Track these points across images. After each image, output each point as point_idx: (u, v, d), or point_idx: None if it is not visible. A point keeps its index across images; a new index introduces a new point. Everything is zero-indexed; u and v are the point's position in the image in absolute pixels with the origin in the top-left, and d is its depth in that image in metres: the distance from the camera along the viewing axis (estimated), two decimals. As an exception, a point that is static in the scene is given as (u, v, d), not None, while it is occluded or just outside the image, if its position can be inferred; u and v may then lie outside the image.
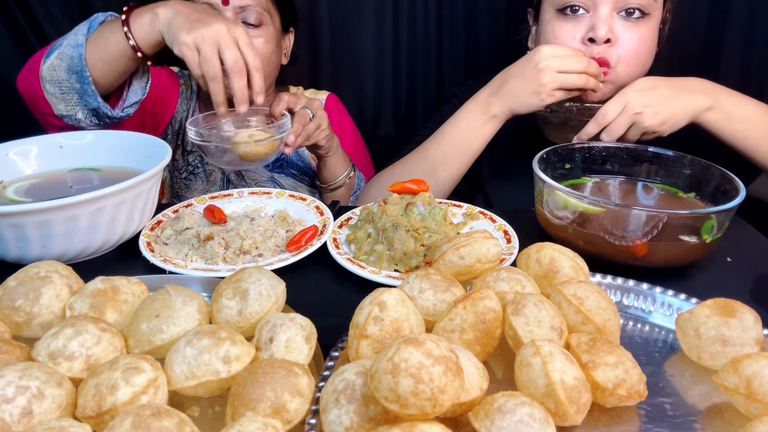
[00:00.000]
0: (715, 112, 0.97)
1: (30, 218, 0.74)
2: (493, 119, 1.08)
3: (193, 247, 0.85)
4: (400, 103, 1.63)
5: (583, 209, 0.81)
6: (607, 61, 1.04)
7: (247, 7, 1.19)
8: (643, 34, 1.05)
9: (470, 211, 0.96)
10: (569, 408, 0.49)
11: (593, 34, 1.03)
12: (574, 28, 1.06)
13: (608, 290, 0.73)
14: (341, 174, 1.27)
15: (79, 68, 0.98)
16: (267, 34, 1.23)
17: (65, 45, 0.99)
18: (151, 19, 0.96)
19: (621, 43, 1.04)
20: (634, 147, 0.98)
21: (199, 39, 0.92)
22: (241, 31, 0.95)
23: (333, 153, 1.22)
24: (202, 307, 0.62)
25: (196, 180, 1.32)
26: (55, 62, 0.99)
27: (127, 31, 0.97)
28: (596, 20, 1.03)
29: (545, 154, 0.93)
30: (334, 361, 0.59)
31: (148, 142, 0.97)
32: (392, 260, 0.83)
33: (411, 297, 0.61)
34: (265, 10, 1.23)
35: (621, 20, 1.04)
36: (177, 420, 0.46)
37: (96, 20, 1.02)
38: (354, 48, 1.57)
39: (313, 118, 1.11)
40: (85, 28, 1.01)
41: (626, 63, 1.05)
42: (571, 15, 1.06)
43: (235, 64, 0.93)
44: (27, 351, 0.56)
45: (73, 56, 0.98)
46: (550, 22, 1.09)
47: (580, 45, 1.06)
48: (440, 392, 0.44)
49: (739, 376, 0.53)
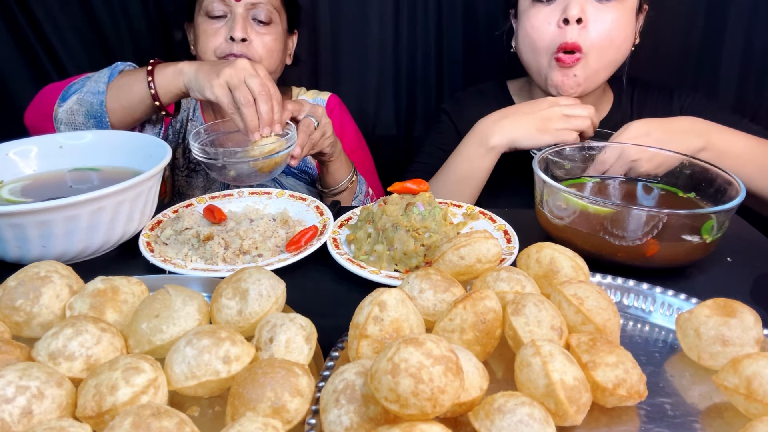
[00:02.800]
0: (708, 152, 0.99)
1: (30, 218, 0.74)
2: (491, 150, 1.10)
3: (193, 247, 0.85)
4: (400, 103, 1.63)
5: (582, 208, 0.81)
6: (579, 45, 1.07)
7: (258, 4, 1.23)
8: (617, 17, 1.08)
9: (470, 211, 0.96)
10: (569, 408, 0.49)
11: (566, 14, 1.06)
12: (549, 13, 1.09)
13: (608, 290, 0.73)
14: (344, 179, 1.27)
15: (98, 114, 1.05)
16: (275, 32, 1.26)
17: (85, 92, 1.06)
18: (175, 74, 1.04)
19: (594, 25, 1.07)
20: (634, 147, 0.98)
21: (228, 76, 0.99)
22: (261, 66, 1.02)
23: (336, 158, 1.22)
24: (202, 307, 0.62)
25: (197, 177, 1.33)
26: (74, 107, 1.06)
27: (151, 80, 1.04)
28: (569, 1, 1.07)
29: (545, 154, 0.94)
30: (334, 361, 0.59)
31: (148, 142, 0.96)
32: (392, 260, 0.83)
33: (411, 297, 0.61)
34: (275, 8, 1.26)
35: (594, 2, 1.07)
36: (177, 420, 0.46)
37: (117, 69, 1.10)
38: (354, 48, 1.57)
39: (318, 126, 1.11)
40: (106, 76, 1.08)
41: (599, 47, 1.09)
42: (546, 2, 1.09)
43: (262, 88, 0.99)
44: (27, 351, 0.56)
45: (93, 102, 1.05)
46: (526, 11, 1.13)
47: (555, 29, 1.08)
48: (440, 392, 0.44)
49: (739, 376, 0.53)
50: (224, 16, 1.24)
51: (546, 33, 1.09)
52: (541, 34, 1.10)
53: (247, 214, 0.93)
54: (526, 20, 1.12)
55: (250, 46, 1.23)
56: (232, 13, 1.23)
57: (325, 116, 1.13)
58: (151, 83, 1.04)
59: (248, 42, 1.23)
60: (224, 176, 1.02)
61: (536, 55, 1.12)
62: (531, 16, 1.11)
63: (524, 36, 1.13)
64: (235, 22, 1.21)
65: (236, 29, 1.21)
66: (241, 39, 1.21)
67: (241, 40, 1.22)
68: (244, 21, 1.22)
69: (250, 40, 1.23)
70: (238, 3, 1.21)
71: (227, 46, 1.23)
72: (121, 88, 1.06)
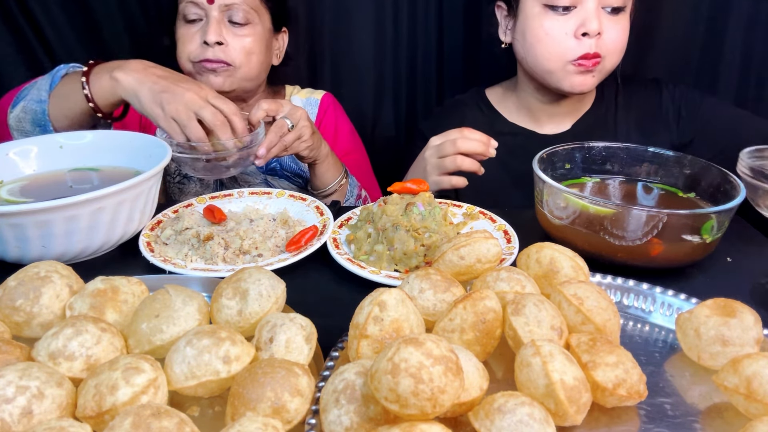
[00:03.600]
0: None
1: (30, 218, 0.74)
2: None
3: (193, 247, 0.85)
4: (400, 103, 1.63)
5: (582, 208, 0.81)
6: (599, 53, 1.11)
7: (233, 5, 1.18)
8: (624, 26, 1.14)
9: (470, 211, 0.96)
10: (569, 408, 0.49)
11: (586, 28, 1.09)
12: (565, 23, 1.11)
13: (608, 290, 0.73)
14: (331, 182, 1.23)
15: (42, 122, 1.02)
16: (254, 32, 1.22)
17: (29, 99, 1.03)
18: (112, 85, 0.99)
19: (608, 35, 1.11)
20: (634, 147, 0.98)
21: (173, 112, 0.95)
22: (208, 88, 0.99)
23: (322, 161, 1.18)
24: (202, 307, 0.62)
25: (189, 184, 1.30)
26: (20, 114, 1.03)
27: (88, 92, 1.00)
28: (586, 15, 1.09)
29: (545, 155, 0.94)
30: (334, 361, 0.59)
31: (148, 142, 0.96)
32: (392, 260, 0.83)
33: (411, 297, 0.61)
34: (253, 8, 1.21)
35: (605, 14, 1.11)
36: (177, 420, 0.46)
37: (58, 74, 1.05)
38: (354, 47, 1.57)
39: (293, 128, 1.07)
40: (47, 84, 1.04)
41: (613, 55, 1.14)
42: (562, 11, 1.10)
43: (214, 119, 0.96)
44: (27, 351, 0.56)
45: (37, 111, 1.02)
46: (537, 16, 1.13)
47: (573, 40, 1.10)
48: (440, 392, 0.44)
49: (739, 376, 0.53)
50: (200, 19, 1.20)
51: (563, 43, 1.11)
52: (558, 44, 1.11)
53: (247, 214, 0.93)
54: (538, 27, 1.12)
55: (226, 49, 1.19)
56: (207, 16, 1.18)
57: (304, 119, 1.08)
58: (86, 90, 0.99)
59: (224, 45, 1.19)
60: (195, 171, 1.03)
61: (550, 61, 1.13)
62: (545, 24, 1.11)
63: (536, 41, 1.13)
64: (209, 24, 1.17)
65: (209, 32, 1.17)
66: (216, 42, 1.17)
67: (216, 44, 1.18)
68: (219, 23, 1.18)
69: (227, 43, 1.19)
70: (212, 5, 1.17)
71: (201, 51, 1.19)
72: (60, 96, 1.02)
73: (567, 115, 1.27)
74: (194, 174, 1.06)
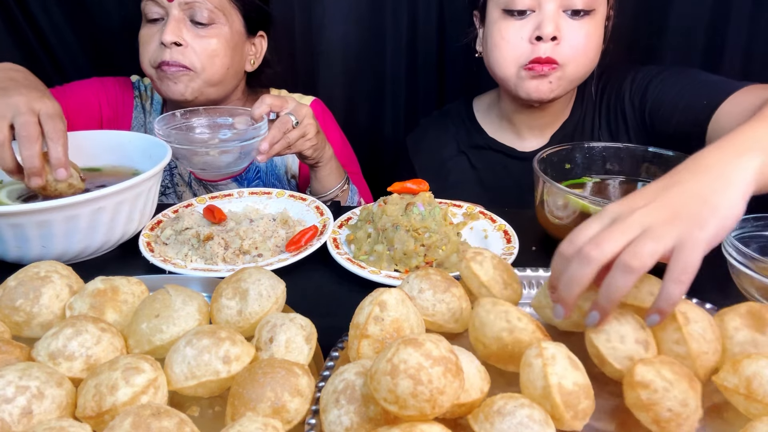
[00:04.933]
0: None
1: (30, 218, 0.74)
2: None
3: (193, 247, 0.85)
4: (399, 108, 1.63)
5: (582, 208, 0.81)
6: (555, 59, 1.04)
7: (195, 4, 1.10)
8: (589, 31, 1.05)
9: (470, 211, 0.96)
10: (565, 413, 0.48)
11: (540, 31, 1.02)
12: (521, 27, 1.05)
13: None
14: (334, 186, 1.18)
15: None
16: (220, 34, 1.13)
17: None
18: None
19: (568, 41, 1.04)
20: (634, 147, 0.97)
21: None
22: (48, 105, 0.83)
23: (325, 164, 1.13)
24: (202, 307, 0.62)
25: (167, 200, 1.25)
26: None
27: None
28: (542, 18, 1.03)
29: (545, 154, 0.93)
30: (334, 361, 0.59)
31: (148, 142, 0.97)
32: (392, 260, 0.83)
33: (410, 297, 0.61)
34: (218, 8, 1.12)
35: (567, 18, 1.04)
36: (177, 420, 0.46)
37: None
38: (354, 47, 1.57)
39: (297, 125, 1.02)
40: None
41: (575, 62, 1.06)
42: (518, 15, 1.05)
43: (22, 128, 0.79)
44: (27, 351, 0.56)
45: None
46: (496, 22, 1.08)
47: (528, 44, 1.04)
48: (439, 393, 0.44)
49: (739, 376, 0.53)
50: (161, 19, 1.12)
51: (517, 47, 1.05)
52: (512, 48, 1.06)
53: (247, 214, 0.93)
54: (496, 31, 1.08)
55: (185, 51, 1.10)
56: (167, 15, 1.10)
57: (309, 117, 1.04)
58: None
59: (184, 46, 1.10)
60: (192, 165, 1.00)
61: (504, 67, 1.09)
62: (502, 28, 1.07)
63: (493, 46, 1.09)
64: (167, 23, 1.09)
65: (166, 32, 1.08)
66: (173, 43, 1.09)
67: (174, 44, 1.09)
68: (178, 23, 1.09)
69: (186, 44, 1.10)
70: (171, 3, 1.09)
71: (159, 53, 1.10)
72: None
73: (547, 127, 1.21)
74: (192, 169, 1.02)
